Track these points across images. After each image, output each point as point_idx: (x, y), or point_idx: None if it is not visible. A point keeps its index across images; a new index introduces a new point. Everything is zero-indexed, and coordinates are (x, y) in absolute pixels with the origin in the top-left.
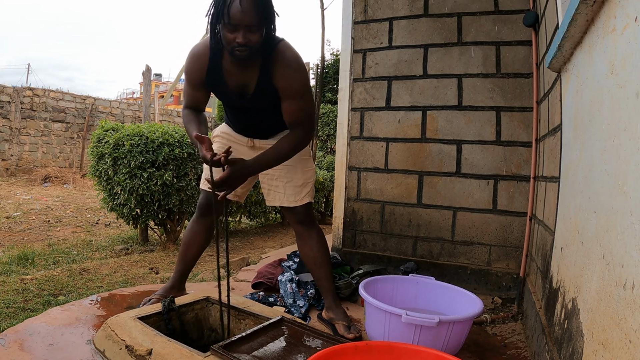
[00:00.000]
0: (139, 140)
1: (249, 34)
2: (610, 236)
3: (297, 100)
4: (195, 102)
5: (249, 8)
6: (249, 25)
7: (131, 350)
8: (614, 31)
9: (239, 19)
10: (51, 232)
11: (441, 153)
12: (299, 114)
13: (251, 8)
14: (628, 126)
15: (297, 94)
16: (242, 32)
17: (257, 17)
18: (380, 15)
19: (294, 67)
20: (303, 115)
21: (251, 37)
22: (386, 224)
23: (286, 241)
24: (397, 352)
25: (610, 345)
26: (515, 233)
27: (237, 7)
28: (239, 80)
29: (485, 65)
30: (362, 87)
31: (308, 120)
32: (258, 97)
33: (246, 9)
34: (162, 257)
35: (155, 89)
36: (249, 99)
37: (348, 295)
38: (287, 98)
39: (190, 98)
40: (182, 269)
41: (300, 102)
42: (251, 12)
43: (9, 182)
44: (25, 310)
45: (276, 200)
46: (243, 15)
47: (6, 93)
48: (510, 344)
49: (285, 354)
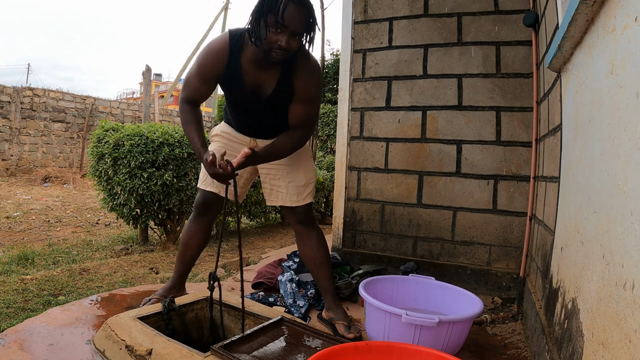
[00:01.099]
0: (139, 140)
1: (293, 39)
2: (610, 236)
3: (309, 104)
4: (198, 95)
5: (303, 15)
6: (296, 32)
7: (131, 350)
8: (614, 31)
9: (291, 23)
10: (51, 232)
11: (441, 153)
12: (306, 118)
13: (305, 16)
14: (628, 126)
15: (311, 99)
16: (287, 36)
17: (305, 25)
18: (380, 15)
19: (315, 74)
20: (309, 119)
21: (293, 43)
22: (386, 224)
23: (286, 241)
24: (397, 352)
25: (610, 345)
26: (515, 233)
27: (294, 11)
28: (256, 80)
29: (485, 65)
30: (362, 87)
31: (312, 124)
32: (275, 98)
33: (300, 15)
34: (162, 257)
35: (155, 89)
36: (265, 99)
37: (348, 295)
38: (299, 102)
39: (194, 91)
40: (182, 269)
41: (310, 106)
42: (302, 19)
43: (9, 182)
44: (25, 310)
45: (278, 200)
46: (295, 20)
47: (6, 93)
48: (510, 344)
49: (285, 354)
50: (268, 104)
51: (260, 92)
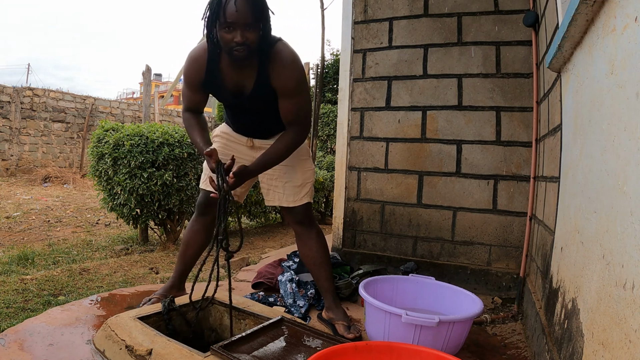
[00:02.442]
0: (139, 140)
1: (246, 32)
2: (610, 236)
3: (293, 98)
4: (195, 104)
5: (244, 7)
6: (246, 24)
7: (131, 350)
8: (614, 31)
9: (236, 18)
10: (51, 232)
11: (441, 153)
12: (295, 113)
13: (246, 6)
14: (628, 126)
15: (293, 93)
16: (239, 31)
17: (252, 15)
18: (380, 15)
19: (290, 66)
20: (299, 114)
21: (248, 35)
22: (386, 224)
23: (286, 241)
24: (397, 352)
25: (610, 345)
26: (515, 233)
27: (233, 6)
28: (236, 81)
29: (485, 65)
30: (362, 87)
31: (304, 119)
32: (255, 96)
33: (241, 8)
34: (162, 257)
35: (155, 89)
36: (246, 98)
37: (348, 295)
38: (283, 97)
39: (189, 100)
40: (182, 268)
41: (295, 100)
42: (247, 10)
43: (9, 182)
44: (25, 310)
45: (275, 200)
46: (239, 14)
47: (6, 93)
48: (510, 344)
49: (285, 354)
50: (252, 103)
51: (242, 92)
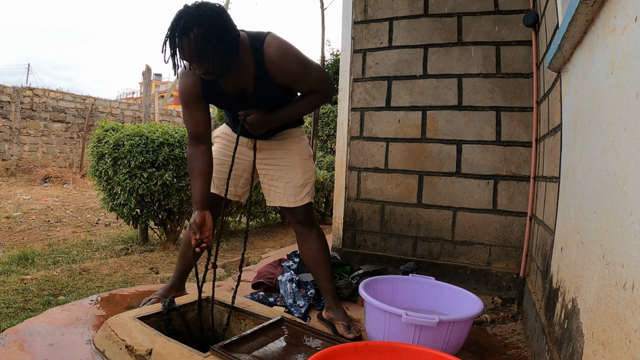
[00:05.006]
0: (139, 140)
1: (203, 64)
2: (610, 236)
3: (304, 80)
4: (197, 126)
5: (188, 49)
6: (199, 59)
7: (131, 350)
8: (614, 31)
9: (187, 57)
10: (51, 232)
11: (441, 153)
12: (314, 87)
13: (190, 49)
14: (628, 126)
15: (301, 76)
16: (196, 64)
17: (197, 54)
18: (380, 15)
19: (285, 57)
20: (317, 86)
21: (206, 65)
22: (386, 224)
23: (286, 241)
24: (397, 352)
25: (610, 345)
26: (515, 233)
27: (181, 47)
28: (236, 85)
29: (485, 65)
30: (362, 87)
31: (325, 86)
32: (259, 95)
33: (186, 50)
34: (162, 257)
35: (155, 89)
36: (249, 99)
37: (348, 295)
38: (294, 84)
39: (190, 124)
40: (182, 268)
41: (307, 81)
42: (192, 52)
43: (9, 182)
44: (25, 310)
45: (276, 200)
46: (186, 55)
47: (6, 93)
48: (510, 344)
49: (285, 354)
50: (257, 102)
51: (244, 94)
